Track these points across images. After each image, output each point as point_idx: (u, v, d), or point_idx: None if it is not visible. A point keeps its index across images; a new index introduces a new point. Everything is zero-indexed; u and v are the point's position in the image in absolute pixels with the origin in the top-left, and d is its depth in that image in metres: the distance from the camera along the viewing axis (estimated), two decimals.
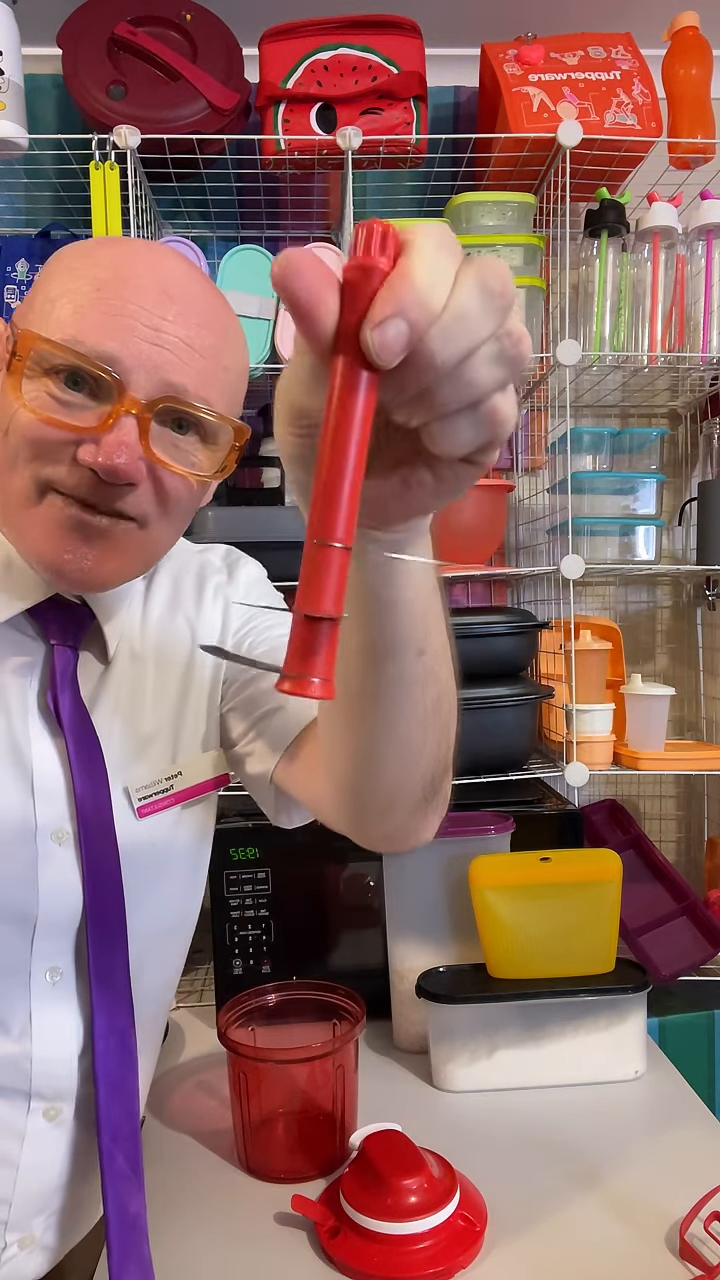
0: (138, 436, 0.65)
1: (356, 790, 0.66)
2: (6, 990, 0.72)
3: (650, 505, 1.47)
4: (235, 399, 0.72)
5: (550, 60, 1.38)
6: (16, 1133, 0.73)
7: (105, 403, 0.65)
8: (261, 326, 1.30)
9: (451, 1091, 1.07)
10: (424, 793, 0.65)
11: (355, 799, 0.67)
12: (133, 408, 0.64)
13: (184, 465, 0.68)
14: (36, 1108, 0.74)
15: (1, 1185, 0.73)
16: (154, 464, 0.67)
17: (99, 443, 0.64)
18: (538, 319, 1.39)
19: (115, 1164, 0.72)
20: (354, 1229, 0.80)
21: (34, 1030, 0.73)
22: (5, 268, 1.40)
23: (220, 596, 0.86)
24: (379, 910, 1.19)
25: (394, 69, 1.36)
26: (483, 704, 1.31)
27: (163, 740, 0.80)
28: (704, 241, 1.37)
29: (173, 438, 0.68)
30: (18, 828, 0.72)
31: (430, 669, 0.56)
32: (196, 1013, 1.29)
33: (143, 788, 0.78)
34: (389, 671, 0.55)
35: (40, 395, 0.65)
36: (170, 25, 1.36)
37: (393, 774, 0.63)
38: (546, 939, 1.07)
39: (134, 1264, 0.72)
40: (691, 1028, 1.25)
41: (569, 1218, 0.85)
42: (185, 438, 0.69)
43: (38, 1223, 0.76)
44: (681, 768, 1.42)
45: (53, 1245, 0.78)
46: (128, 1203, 0.73)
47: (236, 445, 0.71)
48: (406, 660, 0.54)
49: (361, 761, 0.63)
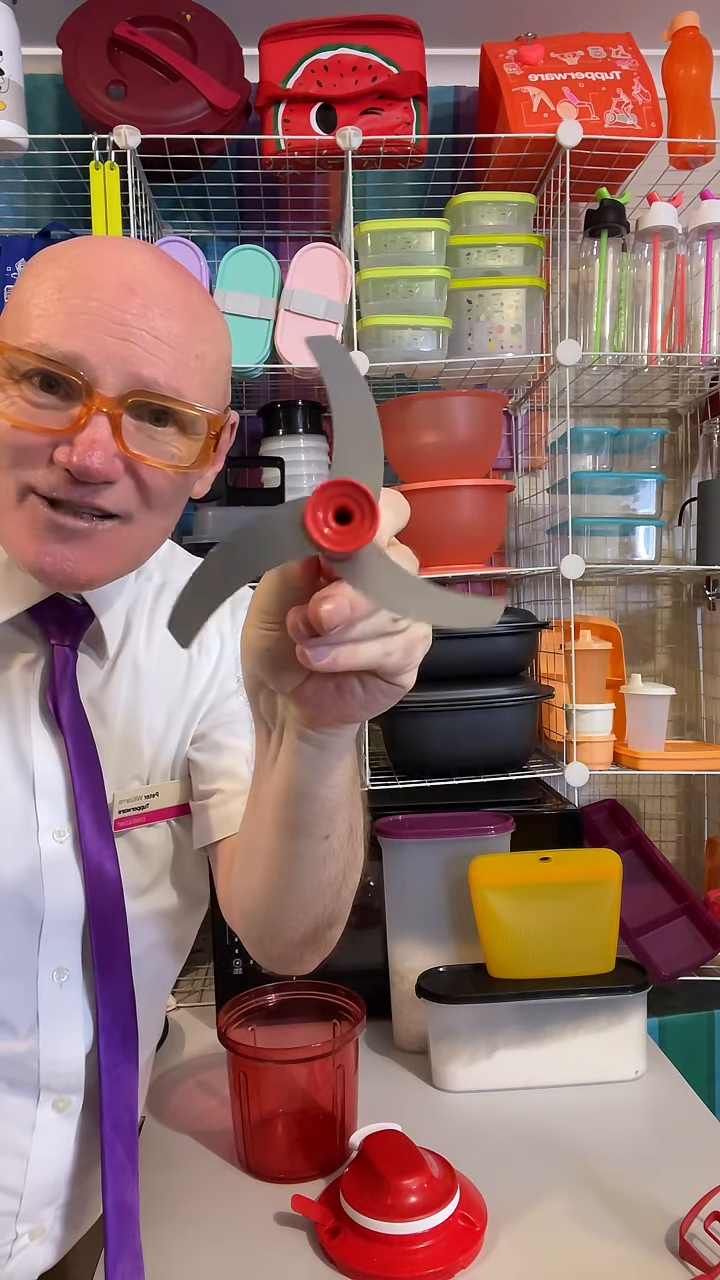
0: (110, 434, 0.65)
1: (253, 916, 0.72)
2: (14, 992, 0.73)
3: (650, 505, 1.47)
4: (212, 386, 0.72)
5: (550, 60, 1.38)
6: (27, 1124, 0.75)
7: (77, 403, 0.65)
8: (261, 326, 1.30)
9: (451, 1091, 1.07)
10: (306, 939, 0.71)
11: (250, 922, 0.73)
12: (103, 406, 0.65)
13: (163, 457, 0.69)
14: (46, 1100, 0.75)
15: (12, 1177, 0.75)
16: (131, 460, 0.67)
17: (72, 443, 0.65)
18: (538, 319, 1.39)
19: (115, 1155, 0.74)
20: (354, 1229, 0.80)
21: (41, 1031, 0.74)
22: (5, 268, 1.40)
23: (218, 635, 0.86)
24: (379, 910, 1.19)
25: (394, 69, 1.36)
26: (483, 704, 1.31)
27: (149, 757, 0.81)
28: (704, 241, 1.37)
29: (150, 430, 0.68)
30: (20, 827, 0.73)
31: (332, 850, 0.62)
32: (196, 1013, 1.29)
33: (124, 801, 0.78)
34: (295, 846, 0.61)
35: (16, 401, 0.66)
36: (170, 25, 1.36)
37: (286, 919, 0.69)
38: (546, 939, 1.07)
39: (127, 1254, 0.73)
40: (691, 1028, 1.25)
41: (569, 1218, 0.85)
42: (163, 429, 0.69)
43: (47, 1214, 0.77)
44: (681, 768, 1.42)
45: (60, 1237, 0.79)
46: (124, 1193, 0.74)
47: (215, 433, 0.71)
48: (312, 842, 0.61)
49: (260, 902, 0.69)
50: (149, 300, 0.67)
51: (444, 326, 1.34)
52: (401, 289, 1.32)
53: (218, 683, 0.84)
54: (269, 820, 0.61)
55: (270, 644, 0.47)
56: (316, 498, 0.39)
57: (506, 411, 1.60)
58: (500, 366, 1.39)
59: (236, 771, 0.80)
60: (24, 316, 0.66)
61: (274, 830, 0.61)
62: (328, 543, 0.38)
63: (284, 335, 1.30)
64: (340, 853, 0.64)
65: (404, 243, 1.33)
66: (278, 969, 0.76)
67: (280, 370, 1.33)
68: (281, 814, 0.59)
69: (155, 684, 0.81)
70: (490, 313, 1.35)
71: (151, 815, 0.80)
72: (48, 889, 0.73)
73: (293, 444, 1.44)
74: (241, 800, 0.76)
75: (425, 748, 1.33)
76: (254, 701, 0.54)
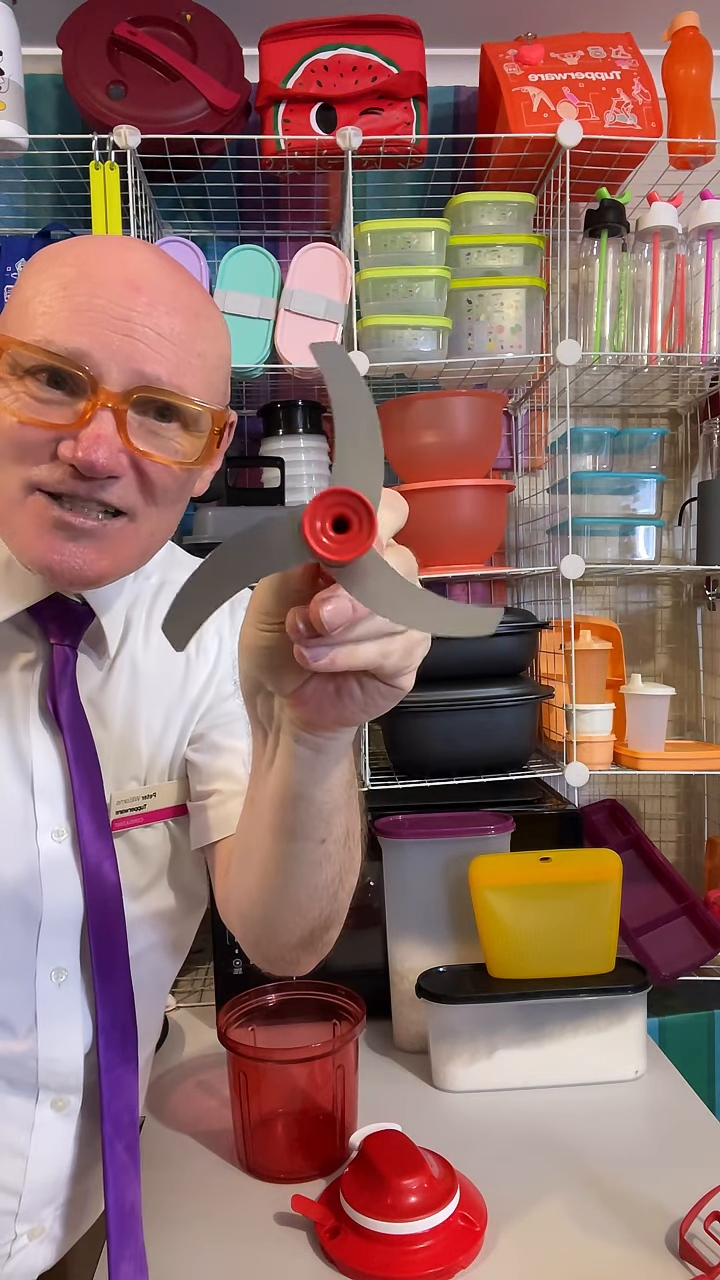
0: (115, 429, 0.66)
1: (250, 918, 0.72)
2: (13, 991, 0.73)
3: (650, 505, 1.47)
4: (213, 384, 0.73)
5: (550, 60, 1.38)
6: (26, 1124, 0.75)
7: (81, 398, 0.66)
8: (261, 326, 1.30)
9: (451, 1091, 1.07)
10: (303, 941, 0.71)
11: (247, 924, 0.73)
12: (108, 401, 0.65)
13: (167, 453, 0.69)
14: (44, 1099, 0.75)
15: (12, 1176, 0.75)
16: (135, 455, 0.67)
17: (77, 438, 0.65)
18: (538, 319, 1.39)
19: (116, 1154, 0.74)
20: (354, 1229, 0.80)
21: (39, 1031, 0.74)
22: (5, 268, 1.40)
23: (217, 637, 0.86)
24: (379, 910, 1.19)
25: (394, 69, 1.36)
26: (483, 704, 1.31)
27: (146, 758, 0.81)
28: (704, 241, 1.37)
29: (154, 426, 0.69)
30: (18, 826, 0.73)
31: (329, 853, 0.63)
32: (196, 1013, 1.29)
33: (122, 801, 0.79)
34: (292, 849, 0.61)
35: (20, 397, 0.66)
36: (170, 25, 1.36)
37: (283, 921, 0.69)
38: (546, 939, 1.07)
39: (130, 1254, 0.73)
40: (691, 1028, 1.25)
41: (569, 1218, 0.85)
42: (167, 425, 0.69)
43: (46, 1213, 0.77)
44: (681, 768, 1.42)
45: (60, 1237, 0.79)
46: (126, 1193, 0.74)
47: (217, 430, 0.72)
48: (309, 845, 0.61)
49: (257, 904, 0.69)
50: (153, 298, 0.67)
51: (444, 326, 1.34)
52: (401, 289, 1.32)
53: (215, 683, 0.84)
54: (265, 823, 0.61)
55: (269, 643, 0.47)
56: (314, 506, 0.39)
57: (506, 411, 1.60)
58: (500, 366, 1.39)
59: (234, 772, 0.80)
60: (28, 313, 0.66)
61: (270, 833, 0.61)
62: (325, 551, 0.39)
63: (284, 335, 1.30)
64: (337, 856, 0.64)
65: (404, 243, 1.33)
66: (275, 970, 0.76)
67: (280, 370, 1.33)
68: (278, 817, 0.59)
69: (153, 684, 0.81)
70: (490, 313, 1.35)
71: (149, 816, 0.80)
72: (46, 889, 0.73)
73: (293, 444, 1.44)
74: (237, 801, 0.76)
75: (425, 748, 1.33)
76: (251, 704, 0.53)
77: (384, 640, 0.44)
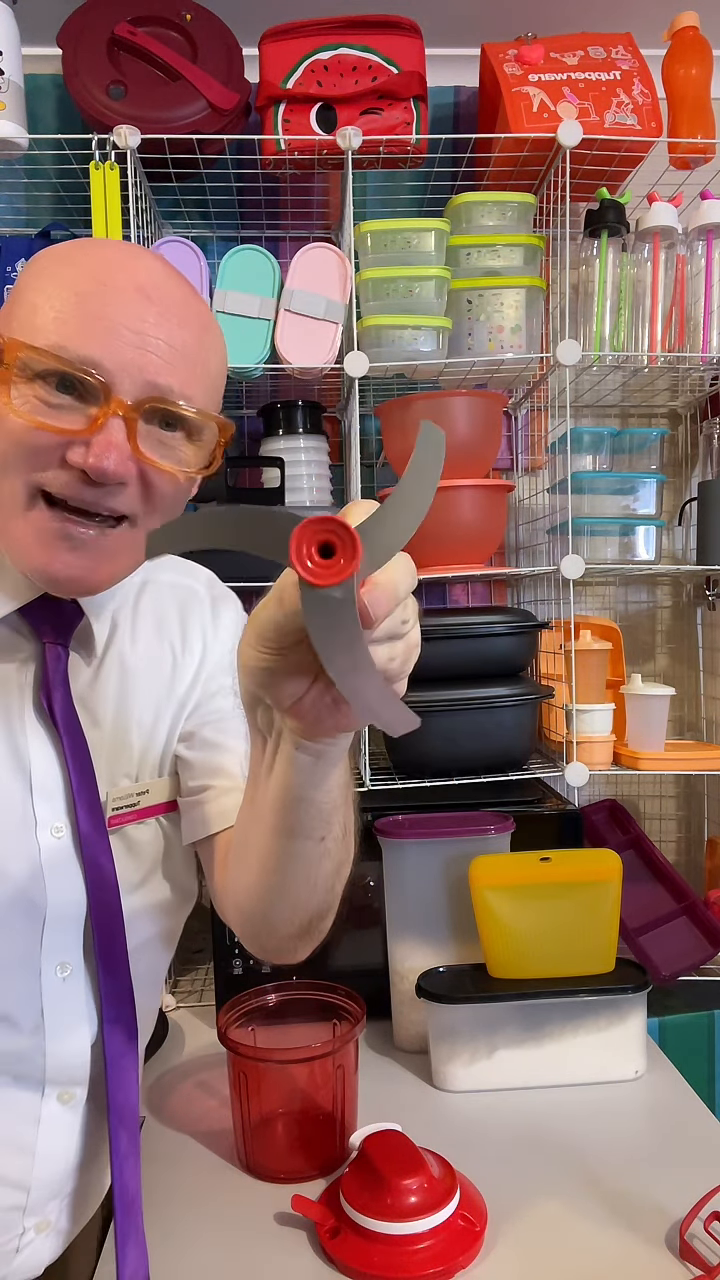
0: (125, 437, 0.66)
1: (249, 913, 0.74)
2: (18, 987, 0.74)
3: (650, 505, 1.47)
4: (216, 394, 0.75)
5: (550, 60, 1.38)
6: (32, 1118, 0.75)
7: (92, 405, 0.66)
8: (261, 326, 1.30)
9: (451, 1091, 1.07)
10: (301, 930, 0.74)
11: (245, 918, 0.75)
12: (120, 409, 0.66)
13: (171, 462, 0.70)
14: (51, 1093, 0.76)
15: (19, 1171, 0.75)
16: (142, 463, 0.68)
17: (88, 444, 0.65)
18: (538, 319, 1.39)
19: (120, 1144, 0.75)
20: (354, 1229, 0.80)
21: (46, 1026, 0.75)
22: (5, 268, 1.40)
23: (201, 635, 0.87)
24: (379, 910, 1.19)
25: (394, 69, 1.36)
26: (483, 704, 1.31)
27: (138, 754, 0.82)
28: (704, 241, 1.37)
29: (160, 435, 0.70)
30: (18, 824, 0.74)
31: (328, 850, 0.65)
32: (196, 1013, 1.29)
33: (117, 798, 0.79)
34: (291, 848, 0.63)
35: (30, 400, 0.66)
36: (170, 25, 1.36)
37: (282, 915, 0.71)
38: (546, 939, 1.07)
39: (133, 1241, 0.74)
40: (691, 1028, 1.25)
41: (569, 1218, 0.85)
42: (172, 435, 0.70)
43: (53, 1207, 0.78)
44: (681, 768, 1.42)
45: (65, 1229, 0.80)
46: (130, 1181, 0.75)
47: (222, 440, 0.73)
48: (308, 844, 0.63)
49: (257, 900, 0.71)
50: (165, 310, 0.68)
51: (444, 326, 1.34)
52: (401, 289, 1.32)
53: (202, 680, 0.86)
54: (266, 825, 0.62)
55: (268, 665, 0.49)
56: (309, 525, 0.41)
57: (506, 411, 1.60)
58: (500, 366, 1.39)
59: (228, 769, 0.81)
60: (38, 318, 0.67)
61: (270, 833, 0.62)
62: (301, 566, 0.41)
63: (284, 335, 1.30)
64: (335, 852, 0.65)
65: (404, 243, 1.33)
66: (271, 959, 0.79)
67: (280, 370, 1.32)
68: (278, 819, 0.60)
69: (142, 681, 0.82)
70: (490, 313, 1.35)
71: (142, 812, 0.81)
72: (49, 885, 0.74)
73: (293, 444, 1.44)
74: (233, 796, 0.78)
75: (425, 748, 1.33)
76: (251, 714, 0.55)
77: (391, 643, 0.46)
